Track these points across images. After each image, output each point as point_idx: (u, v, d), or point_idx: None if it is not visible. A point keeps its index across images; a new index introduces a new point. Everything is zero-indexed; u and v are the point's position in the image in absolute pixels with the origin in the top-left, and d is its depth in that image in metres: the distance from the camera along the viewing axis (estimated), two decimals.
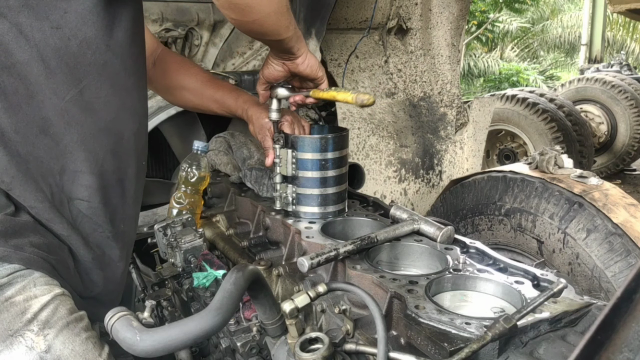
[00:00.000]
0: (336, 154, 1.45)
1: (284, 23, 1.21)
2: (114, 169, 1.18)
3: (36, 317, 1.01)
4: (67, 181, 1.11)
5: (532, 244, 1.93)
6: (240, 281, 0.94)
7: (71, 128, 1.09)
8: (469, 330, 0.90)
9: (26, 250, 1.04)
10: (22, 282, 1.03)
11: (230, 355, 1.31)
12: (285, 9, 1.19)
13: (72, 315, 1.06)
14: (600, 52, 9.02)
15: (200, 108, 1.75)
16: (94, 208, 1.15)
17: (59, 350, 1.01)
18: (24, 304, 1.01)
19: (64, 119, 1.08)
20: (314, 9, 2.52)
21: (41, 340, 1.00)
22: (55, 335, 1.02)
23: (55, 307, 1.04)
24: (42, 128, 1.06)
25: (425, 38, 3.14)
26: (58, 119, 1.07)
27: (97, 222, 1.17)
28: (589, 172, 1.90)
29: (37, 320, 1.01)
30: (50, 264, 1.08)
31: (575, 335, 0.96)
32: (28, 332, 1.00)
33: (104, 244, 1.21)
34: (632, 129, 6.33)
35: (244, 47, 2.61)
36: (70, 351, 1.02)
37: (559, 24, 16.84)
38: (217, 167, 1.98)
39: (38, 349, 0.99)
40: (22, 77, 1.03)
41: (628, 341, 0.49)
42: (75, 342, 1.04)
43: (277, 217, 1.50)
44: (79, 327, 1.06)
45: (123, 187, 1.22)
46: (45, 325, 1.01)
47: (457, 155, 3.21)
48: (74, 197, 1.13)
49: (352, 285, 1.03)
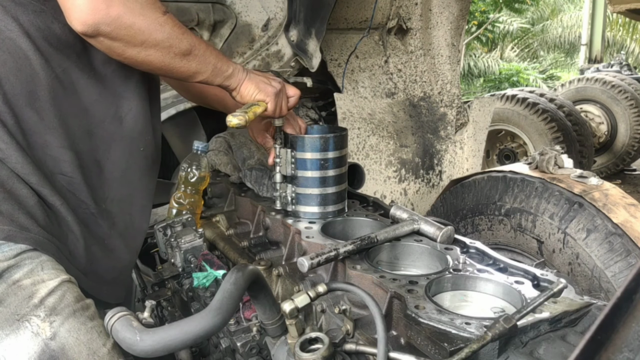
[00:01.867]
0: (336, 154, 1.45)
1: (187, 72, 1.19)
2: (89, 149, 1.21)
3: (43, 302, 1.02)
4: (51, 156, 1.14)
5: (532, 244, 1.93)
6: (240, 281, 0.94)
7: (56, 105, 1.12)
8: (469, 330, 0.90)
9: (32, 230, 1.05)
10: (30, 265, 1.03)
11: (230, 355, 1.31)
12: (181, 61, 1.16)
13: (79, 304, 1.07)
14: (600, 52, 9.02)
15: (203, 103, 1.78)
16: (75, 184, 1.18)
17: (64, 339, 1.02)
18: (32, 287, 1.02)
19: (50, 95, 1.11)
20: (314, 9, 2.53)
21: (47, 326, 1.01)
22: (61, 323, 1.02)
23: (62, 293, 1.04)
24: (29, 101, 1.09)
25: (425, 38, 3.14)
26: (45, 94, 1.11)
27: (80, 198, 1.20)
28: (589, 172, 1.90)
29: (43, 306, 1.01)
30: (55, 245, 1.10)
31: (575, 335, 0.96)
32: (34, 318, 1.00)
33: (89, 220, 1.23)
34: (632, 129, 6.32)
35: (244, 47, 2.61)
36: (75, 340, 1.03)
37: (559, 24, 16.83)
38: (217, 167, 1.98)
39: (44, 335, 1.00)
40: (12, 52, 1.07)
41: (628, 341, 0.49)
42: (81, 330, 1.04)
43: (277, 217, 1.50)
44: (84, 316, 1.06)
45: (101, 167, 1.24)
46: (52, 311, 1.02)
47: (457, 155, 3.21)
48: (56, 172, 1.15)
49: (352, 285, 1.03)
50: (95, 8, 1.00)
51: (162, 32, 1.10)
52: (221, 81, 1.29)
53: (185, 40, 1.15)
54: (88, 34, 1.04)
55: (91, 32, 1.03)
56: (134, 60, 1.12)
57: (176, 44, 1.13)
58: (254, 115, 1.31)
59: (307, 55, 2.61)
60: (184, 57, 1.16)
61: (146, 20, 1.07)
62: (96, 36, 1.04)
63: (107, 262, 1.28)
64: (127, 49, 1.08)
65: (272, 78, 1.40)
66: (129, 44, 1.07)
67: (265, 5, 2.60)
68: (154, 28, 1.09)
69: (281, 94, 1.39)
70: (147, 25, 1.07)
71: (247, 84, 1.32)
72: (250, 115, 1.28)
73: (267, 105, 1.35)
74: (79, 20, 1.01)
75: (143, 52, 1.10)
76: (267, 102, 1.34)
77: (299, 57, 2.60)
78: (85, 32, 1.04)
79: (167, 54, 1.13)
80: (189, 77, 1.22)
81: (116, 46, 1.07)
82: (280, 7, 2.59)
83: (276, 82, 1.39)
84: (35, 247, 1.05)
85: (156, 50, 1.11)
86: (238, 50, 2.60)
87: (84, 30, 1.03)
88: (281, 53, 2.64)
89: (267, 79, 1.38)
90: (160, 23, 1.10)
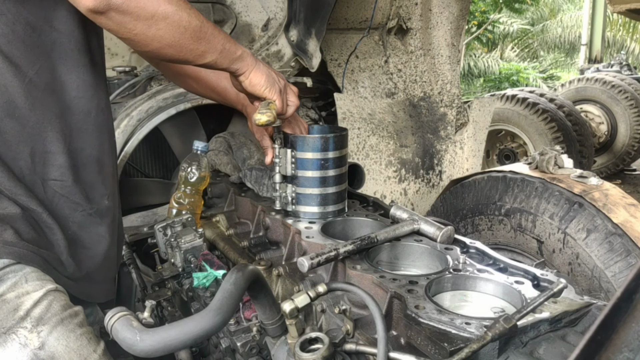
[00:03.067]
0: (336, 154, 1.45)
1: (196, 51, 1.17)
2: (83, 146, 1.20)
3: (29, 314, 1.01)
4: (39, 163, 1.13)
5: (532, 244, 1.93)
6: (240, 281, 0.94)
7: (36, 109, 1.11)
8: (469, 330, 0.90)
9: (16, 244, 1.04)
10: (13, 278, 1.03)
11: (230, 355, 1.31)
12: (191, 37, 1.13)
13: (67, 312, 1.06)
14: (600, 52, 9.02)
15: (203, 95, 1.78)
16: (68, 187, 1.17)
17: (53, 347, 1.01)
18: (16, 300, 1.01)
19: (29, 100, 1.10)
20: (314, 9, 2.52)
21: (35, 337, 1.00)
22: (49, 332, 1.02)
23: (49, 303, 1.04)
24: (8, 112, 1.07)
25: (425, 38, 3.14)
26: (22, 101, 1.09)
27: (75, 201, 1.19)
28: (589, 172, 1.90)
29: (30, 317, 1.01)
30: (41, 257, 1.08)
31: (575, 335, 0.96)
32: (21, 330, 0.99)
33: (87, 222, 1.22)
34: (632, 129, 6.32)
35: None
36: (64, 347, 1.02)
37: (559, 24, 16.83)
38: (217, 167, 1.98)
39: (32, 345, 0.99)
40: None
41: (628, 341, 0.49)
42: (70, 338, 1.04)
43: (277, 217, 1.50)
44: (73, 323, 1.06)
45: (101, 163, 1.24)
46: (39, 322, 1.01)
47: (457, 155, 3.21)
48: (48, 178, 1.14)
49: (352, 285, 1.03)
50: None
51: (171, 4, 1.08)
52: (229, 64, 1.25)
53: (194, 16, 1.13)
54: (99, 10, 1.01)
55: (103, 7, 1.01)
56: (144, 36, 1.08)
57: (186, 17, 1.11)
58: (276, 112, 1.31)
59: (307, 55, 2.61)
60: (193, 33, 1.13)
61: None
62: (107, 11, 1.02)
63: (96, 262, 1.27)
64: (138, 23, 1.05)
65: (277, 74, 1.39)
66: (139, 17, 1.05)
67: (265, 5, 2.60)
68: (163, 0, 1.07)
69: (285, 92, 1.38)
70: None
71: (257, 73, 1.30)
72: (274, 113, 1.29)
73: (276, 103, 1.33)
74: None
75: (154, 25, 1.07)
76: (274, 99, 1.33)
77: (299, 57, 2.60)
78: (97, 8, 1.01)
79: (177, 29, 1.10)
80: (197, 57, 1.19)
81: (127, 20, 1.04)
82: (280, 7, 2.59)
83: (281, 79, 1.38)
84: (18, 260, 1.04)
85: (166, 23, 1.08)
86: None
87: (95, 5, 1.00)
88: (281, 53, 2.64)
89: (275, 73, 1.36)
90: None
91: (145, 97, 2.26)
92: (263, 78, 1.30)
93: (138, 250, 1.92)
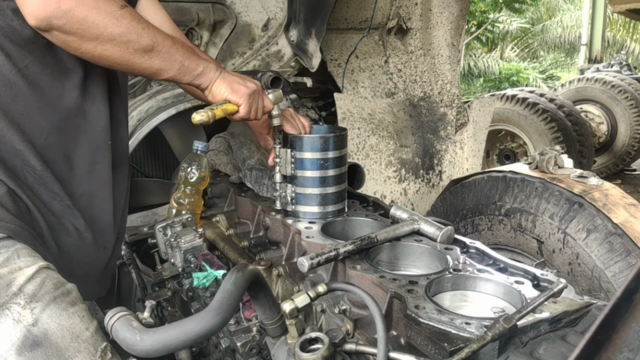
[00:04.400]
0: (336, 154, 1.45)
1: (149, 69, 1.16)
2: (58, 144, 1.20)
3: (22, 290, 1.01)
4: (19, 150, 1.14)
5: (532, 244, 1.93)
6: (240, 281, 0.94)
7: (17, 100, 1.12)
8: (469, 330, 0.90)
9: (5, 218, 1.05)
10: (5, 254, 1.03)
11: (230, 355, 1.31)
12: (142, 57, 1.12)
13: (59, 290, 1.07)
14: (600, 52, 9.02)
15: None
16: (45, 177, 1.18)
17: (46, 324, 1.02)
18: (9, 276, 1.01)
19: (11, 90, 1.11)
20: (314, 9, 2.53)
21: (28, 313, 1.00)
22: (43, 309, 1.02)
23: (42, 280, 1.04)
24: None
25: (425, 38, 3.14)
26: (4, 90, 1.11)
27: (54, 191, 1.20)
28: (589, 172, 1.90)
29: (23, 294, 1.01)
30: (29, 233, 1.10)
31: (575, 335, 0.96)
32: (14, 305, 1.00)
33: (66, 213, 1.22)
34: (632, 129, 6.32)
35: (244, 47, 2.61)
36: (57, 325, 1.03)
37: (559, 24, 16.83)
38: (217, 167, 1.98)
39: (25, 322, 1.00)
40: None
41: (628, 341, 0.49)
42: (62, 316, 1.04)
43: (277, 217, 1.50)
44: (65, 302, 1.06)
45: (70, 163, 1.24)
46: (32, 298, 1.02)
47: (457, 155, 3.21)
48: (26, 164, 1.15)
49: (352, 285, 1.03)
50: (46, 1, 0.99)
51: (119, 26, 1.06)
52: (190, 79, 1.24)
53: (146, 36, 1.11)
54: (41, 28, 1.03)
55: (44, 26, 1.02)
56: (90, 55, 1.09)
57: (135, 39, 1.09)
58: (223, 113, 1.28)
59: (307, 55, 2.61)
60: (145, 53, 1.12)
61: (100, 14, 1.04)
62: (50, 30, 1.03)
63: (76, 255, 1.27)
64: (82, 44, 1.06)
65: (247, 79, 1.36)
66: (84, 38, 1.05)
67: (265, 5, 2.60)
68: (109, 22, 1.05)
69: (256, 96, 1.34)
70: (102, 18, 1.04)
71: (219, 83, 1.28)
72: (218, 113, 1.26)
73: (240, 107, 1.31)
74: (32, 14, 1.01)
75: (99, 46, 1.06)
76: (239, 103, 1.30)
77: (299, 57, 2.60)
78: (39, 26, 1.02)
79: (125, 49, 1.09)
80: (153, 74, 1.18)
81: (70, 40, 1.05)
82: (280, 7, 2.59)
83: (251, 84, 1.34)
84: (9, 234, 1.05)
85: (113, 45, 1.07)
86: (238, 50, 2.60)
87: (37, 24, 1.02)
88: (281, 53, 2.64)
89: (242, 79, 1.34)
90: (117, 17, 1.06)
91: (145, 97, 2.26)
92: (224, 86, 1.29)
93: (138, 250, 1.92)
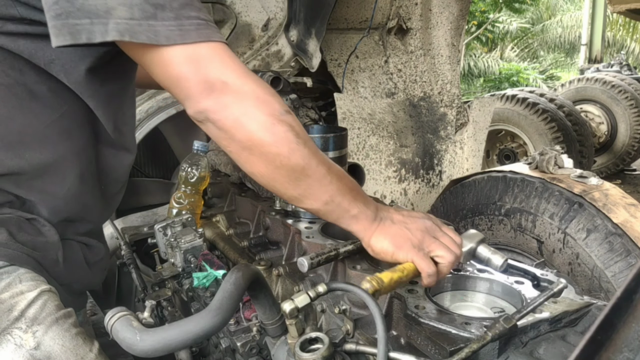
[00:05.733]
0: (336, 154, 1.45)
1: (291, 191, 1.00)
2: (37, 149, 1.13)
3: (23, 314, 1.01)
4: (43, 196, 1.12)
5: (532, 244, 1.93)
6: (240, 281, 0.94)
7: (46, 151, 1.09)
8: (469, 330, 0.90)
9: (10, 246, 1.04)
10: (7, 279, 1.03)
11: (230, 355, 1.31)
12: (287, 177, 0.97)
13: (61, 312, 1.06)
14: (600, 52, 9.02)
15: None
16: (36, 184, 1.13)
17: (49, 347, 1.01)
18: (10, 301, 1.01)
19: (42, 142, 1.08)
20: (314, 9, 2.52)
21: (30, 337, 1.00)
22: (45, 332, 1.01)
23: (43, 303, 1.03)
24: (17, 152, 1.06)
25: (425, 38, 3.14)
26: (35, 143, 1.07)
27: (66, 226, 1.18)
28: (589, 172, 1.90)
29: (24, 318, 1.01)
30: (35, 259, 1.08)
31: (575, 335, 0.96)
32: (16, 330, 0.99)
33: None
34: (632, 129, 6.32)
35: (244, 47, 2.61)
36: (60, 347, 1.02)
37: (559, 24, 16.83)
38: (217, 166, 1.98)
39: (27, 346, 0.99)
40: (4, 100, 1.03)
41: (628, 341, 0.49)
42: (65, 337, 1.03)
43: (277, 217, 1.50)
44: (68, 323, 1.06)
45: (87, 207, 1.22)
46: (34, 322, 1.01)
47: (457, 155, 3.21)
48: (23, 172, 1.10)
49: (352, 285, 1.03)
50: (205, 96, 0.92)
51: (272, 133, 0.93)
52: (337, 219, 1.04)
53: (299, 154, 0.95)
54: (197, 119, 0.96)
55: (201, 118, 0.95)
56: (237, 156, 0.98)
57: (285, 153, 0.94)
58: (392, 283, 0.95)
59: (307, 55, 2.61)
60: (291, 173, 0.96)
61: (255, 116, 0.93)
62: (205, 121, 0.95)
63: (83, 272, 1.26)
64: (232, 143, 0.96)
65: (419, 218, 1.06)
66: (233, 138, 0.95)
67: (265, 5, 2.60)
68: (263, 126, 0.93)
69: (427, 242, 1.02)
70: (255, 121, 0.93)
71: (378, 237, 1.03)
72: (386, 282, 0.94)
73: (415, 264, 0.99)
74: (190, 107, 0.95)
75: (246, 150, 0.95)
76: (412, 260, 0.99)
77: (299, 57, 2.60)
78: (195, 118, 0.96)
79: (270, 162, 0.95)
80: (294, 198, 1.01)
81: (222, 137, 0.96)
82: (280, 7, 2.59)
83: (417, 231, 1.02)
84: (11, 262, 1.04)
85: (260, 152, 0.94)
86: (238, 51, 2.60)
87: (194, 115, 0.96)
88: (281, 53, 2.64)
89: (409, 225, 1.04)
90: (272, 122, 0.93)
91: (145, 97, 2.26)
92: (386, 241, 1.02)
93: (138, 250, 1.92)
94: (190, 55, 0.91)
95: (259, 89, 0.94)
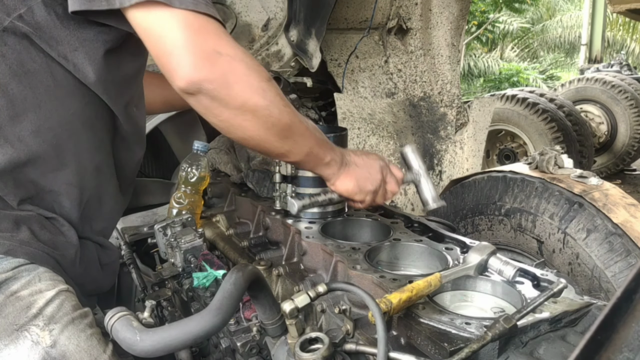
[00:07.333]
0: None
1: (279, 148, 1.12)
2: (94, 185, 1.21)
3: (41, 312, 1.02)
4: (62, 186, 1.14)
5: (532, 244, 1.93)
6: (240, 281, 0.94)
7: (71, 140, 1.12)
8: (469, 330, 0.90)
9: (32, 245, 1.06)
10: (27, 277, 1.04)
11: (230, 355, 1.31)
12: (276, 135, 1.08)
13: (77, 312, 1.07)
14: (600, 52, 9.02)
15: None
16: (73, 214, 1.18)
17: (64, 346, 1.02)
18: (29, 298, 1.02)
19: (68, 131, 1.11)
20: (314, 9, 2.52)
21: (47, 335, 1.01)
22: (61, 331, 1.02)
23: (60, 302, 1.05)
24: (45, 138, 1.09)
25: (425, 38, 3.14)
26: (62, 130, 1.10)
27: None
28: (589, 172, 1.90)
29: (42, 315, 1.02)
30: (54, 259, 1.10)
31: (575, 335, 0.96)
32: (33, 327, 1.00)
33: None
34: (632, 129, 6.32)
35: (243, 47, 2.61)
36: (75, 347, 1.03)
37: (559, 24, 16.83)
38: (217, 165, 1.97)
39: (43, 343, 1.00)
40: (32, 87, 1.06)
41: (628, 341, 0.49)
42: (81, 337, 1.04)
43: (277, 217, 1.50)
44: (83, 323, 1.07)
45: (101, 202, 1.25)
46: (51, 320, 1.02)
47: (457, 155, 3.21)
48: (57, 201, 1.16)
49: (352, 285, 1.03)
50: (200, 65, 0.96)
51: (264, 98, 1.03)
52: (313, 167, 1.21)
53: (286, 114, 1.07)
54: (190, 92, 0.99)
55: (194, 90, 0.98)
56: (228, 123, 1.05)
57: (276, 114, 1.05)
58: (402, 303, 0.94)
59: (307, 55, 2.61)
60: (280, 131, 1.08)
61: (249, 83, 1.01)
62: (197, 94, 0.99)
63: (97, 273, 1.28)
64: (224, 111, 1.02)
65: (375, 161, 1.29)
66: (228, 106, 1.01)
67: (265, 5, 2.59)
68: (256, 92, 1.02)
69: (381, 189, 1.28)
70: (249, 87, 1.01)
71: (344, 179, 1.22)
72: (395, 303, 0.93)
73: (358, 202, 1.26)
74: (184, 77, 0.97)
75: (240, 116, 1.03)
76: (361, 200, 1.25)
77: (299, 57, 2.60)
78: (188, 89, 0.99)
79: (263, 123, 1.05)
80: (280, 154, 1.16)
81: (214, 106, 1.02)
82: (280, 7, 2.59)
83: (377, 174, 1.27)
84: (32, 261, 1.06)
85: (253, 116, 1.03)
86: None
87: (187, 87, 0.98)
88: (281, 53, 2.64)
89: (370, 169, 1.27)
90: (264, 88, 1.03)
91: None
92: (351, 184, 1.22)
93: (138, 250, 1.92)
94: (193, 24, 0.96)
95: (248, 58, 1.02)
